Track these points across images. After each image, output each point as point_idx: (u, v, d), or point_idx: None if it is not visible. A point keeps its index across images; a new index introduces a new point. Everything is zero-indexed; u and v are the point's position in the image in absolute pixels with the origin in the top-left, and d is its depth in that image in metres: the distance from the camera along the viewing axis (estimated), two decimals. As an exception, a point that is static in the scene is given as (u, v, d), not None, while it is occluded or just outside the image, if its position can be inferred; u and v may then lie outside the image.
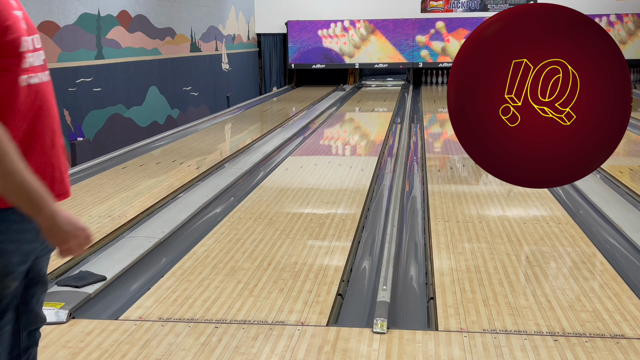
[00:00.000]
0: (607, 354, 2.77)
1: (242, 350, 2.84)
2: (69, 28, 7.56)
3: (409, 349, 2.83)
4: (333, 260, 3.96)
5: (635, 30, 14.95)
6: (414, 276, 3.82)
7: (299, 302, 3.34)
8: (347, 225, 4.65)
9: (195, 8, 11.34)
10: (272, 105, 12.51)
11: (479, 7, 15.04)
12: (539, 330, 3.00)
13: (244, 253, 4.07)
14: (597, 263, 3.88)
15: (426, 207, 5.11)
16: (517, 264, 3.87)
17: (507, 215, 4.90)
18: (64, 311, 3.17)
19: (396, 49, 15.29)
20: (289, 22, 15.31)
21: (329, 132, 9.42)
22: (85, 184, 5.98)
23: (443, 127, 9.73)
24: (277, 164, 6.88)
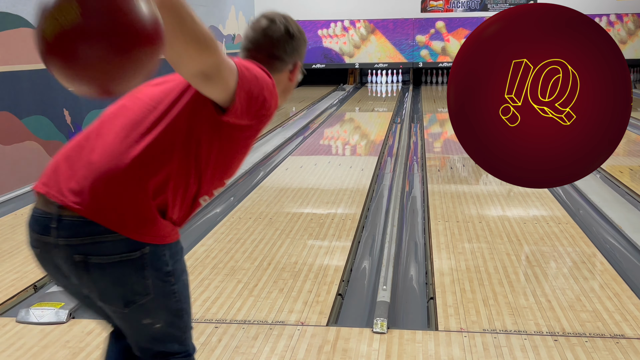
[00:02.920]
0: (607, 354, 2.77)
1: (242, 350, 2.84)
2: (69, 28, 7.56)
3: (409, 349, 2.83)
4: (333, 260, 3.96)
5: (635, 30, 14.95)
6: (414, 276, 3.82)
7: (299, 302, 3.34)
8: (347, 225, 4.65)
9: (195, 8, 11.22)
10: (272, 105, 12.50)
11: (479, 7, 15.04)
12: (539, 330, 3.00)
13: (244, 253, 4.07)
14: (597, 263, 3.88)
15: (426, 207, 5.11)
16: (517, 264, 3.87)
17: (507, 215, 4.90)
18: (64, 311, 3.17)
19: (396, 49, 15.29)
20: (289, 22, 15.31)
21: (329, 132, 9.42)
22: (85, 183, 5.98)
23: (443, 127, 9.72)
24: (277, 163, 6.88)
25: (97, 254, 1.63)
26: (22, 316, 3.17)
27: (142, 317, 1.75)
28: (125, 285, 1.68)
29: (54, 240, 1.66)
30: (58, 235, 1.65)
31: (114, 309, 1.73)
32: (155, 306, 1.73)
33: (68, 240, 1.64)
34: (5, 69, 6.82)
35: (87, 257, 1.64)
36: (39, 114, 7.39)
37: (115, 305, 1.71)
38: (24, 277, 3.71)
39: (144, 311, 1.73)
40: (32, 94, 7.23)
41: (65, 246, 1.65)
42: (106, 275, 1.66)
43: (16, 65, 6.98)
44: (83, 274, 1.67)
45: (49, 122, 7.57)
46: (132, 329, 1.80)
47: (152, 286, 1.70)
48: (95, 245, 1.63)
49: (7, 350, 2.87)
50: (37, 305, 3.24)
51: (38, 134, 7.39)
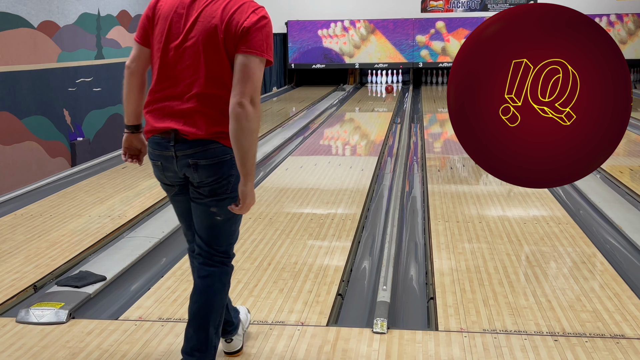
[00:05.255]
0: (607, 354, 2.77)
1: (242, 350, 2.84)
2: (69, 28, 7.57)
3: (409, 349, 2.83)
4: (333, 260, 3.96)
5: (635, 30, 14.95)
6: (414, 276, 3.82)
7: (299, 302, 3.34)
8: (347, 225, 4.65)
9: (195, 8, 11.32)
10: (272, 105, 12.51)
11: (479, 7, 15.04)
12: (539, 330, 3.00)
13: (244, 253, 4.07)
14: (597, 263, 3.88)
15: (426, 207, 5.11)
16: (517, 264, 3.87)
17: (507, 215, 4.90)
18: (64, 311, 3.17)
19: (396, 49, 15.28)
20: (289, 22, 15.31)
21: (329, 132, 9.42)
22: (85, 184, 5.99)
23: (443, 127, 9.73)
24: (277, 164, 6.88)
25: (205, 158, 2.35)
26: (22, 316, 3.17)
27: (212, 205, 2.41)
28: (219, 179, 2.37)
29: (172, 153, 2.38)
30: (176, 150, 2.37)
31: (199, 194, 2.41)
32: (225, 202, 2.40)
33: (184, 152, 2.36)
34: (5, 69, 6.82)
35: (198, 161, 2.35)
36: (39, 114, 7.39)
37: (204, 191, 2.40)
38: (24, 277, 3.71)
39: (217, 202, 2.40)
40: (32, 94, 7.23)
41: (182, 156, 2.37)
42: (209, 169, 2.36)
43: (16, 65, 6.98)
44: (193, 172, 2.37)
45: (49, 122, 7.58)
46: (201, 215, 2.45)
47: (233, 184, 2.38)
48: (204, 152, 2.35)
49: (7, 350, 2.87)
50: (37, 305, 3.24)
51: (38, 134, 7.39)
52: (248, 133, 2.23)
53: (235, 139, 2.25)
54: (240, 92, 2.23)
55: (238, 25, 2.26)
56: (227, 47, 2.28)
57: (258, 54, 2.26)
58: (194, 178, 2.39)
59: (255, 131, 2.27)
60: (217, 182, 2.38)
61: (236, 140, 2.25)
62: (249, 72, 2.23)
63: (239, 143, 2.25)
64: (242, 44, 2.26)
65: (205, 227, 2.48)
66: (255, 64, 2.25)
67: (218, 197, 2.40)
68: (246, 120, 2.22)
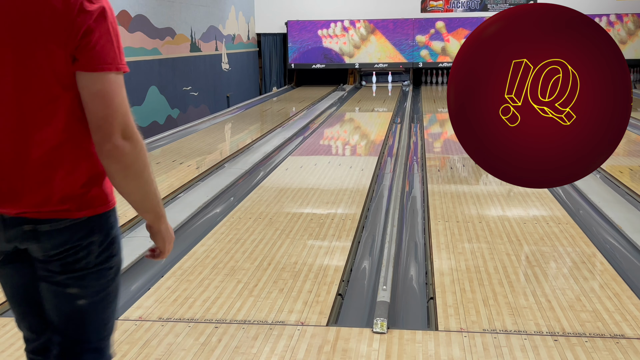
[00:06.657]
0: (607, 354, 2.77)
1: (242, 350, 2.84)
2: (69, 28, 7.56)
3: (409, 349, 2.83)
4: (333, 260, 3.96)
5: (635, 30, 14.95)
6: (414, 276, 3.82)
7: (298, 302, 3.34)
8: (347, 225, 4.65)
9: (195, 8, 11.33)
10: (272, 105, 12.51)
11: (479, 7, 15.04)
12: (539, 330, 3.00)
13: (244, 253, 4.07)
14: (597, 263, 3.88)
15: (426, 207, 5.11)
16: (517, 264, 3.87)
17: (507, 215, 4.90)
18: (64, 311, 3.17)
19: (396, 49, 15.29)
20: (289, 22, 15.31)
21: (329, 132, 9.42)
22: (85, 184, 5.98)
23: (443, 127, 9.73)
24: (277, 164, 6.88)
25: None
26: (22, 316, 3.16)
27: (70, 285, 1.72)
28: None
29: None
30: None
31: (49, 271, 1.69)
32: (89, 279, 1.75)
33: None
34: (5, 69, 6.80)
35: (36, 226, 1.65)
36: (39, 114, 7.37)
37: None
38: (24, 277, 3.71)
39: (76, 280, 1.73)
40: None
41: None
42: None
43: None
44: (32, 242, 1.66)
45: (49, 122, 7.55)
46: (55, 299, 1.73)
47: (100, 252, 1.79)
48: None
49: (7, 350, 2.87)
50: (37, 305, 3.24)
51: (38, 134, 7.37)
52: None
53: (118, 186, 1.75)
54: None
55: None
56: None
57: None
58: (35, 250, 1.68)
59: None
60: (71, 252, 1.70)
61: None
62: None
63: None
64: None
65: (63, 316, 1.75)
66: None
67: (76, 273, 1.71)
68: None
